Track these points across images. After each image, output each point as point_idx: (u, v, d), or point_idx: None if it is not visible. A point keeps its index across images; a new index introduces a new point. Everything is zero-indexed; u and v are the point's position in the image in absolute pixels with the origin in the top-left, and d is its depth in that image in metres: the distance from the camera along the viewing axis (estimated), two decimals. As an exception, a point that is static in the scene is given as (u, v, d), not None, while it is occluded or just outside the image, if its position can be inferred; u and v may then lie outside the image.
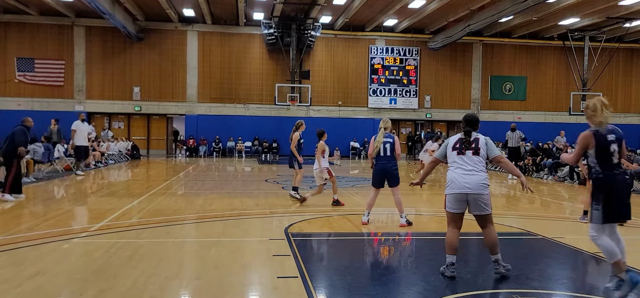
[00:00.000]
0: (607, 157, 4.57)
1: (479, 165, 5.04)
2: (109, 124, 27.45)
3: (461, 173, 5.01)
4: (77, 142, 15.69)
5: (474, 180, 4.96)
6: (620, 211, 4.58)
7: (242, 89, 27.91)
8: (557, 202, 11.59)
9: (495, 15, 21.99)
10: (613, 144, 4.55)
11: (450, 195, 5.09)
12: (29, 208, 9.23)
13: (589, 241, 7.10)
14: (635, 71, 31.14)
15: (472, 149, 5.06)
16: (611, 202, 4.52)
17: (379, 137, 7.81)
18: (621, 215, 4.61)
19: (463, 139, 5.13)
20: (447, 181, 5.15)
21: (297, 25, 26.16)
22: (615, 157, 4.56)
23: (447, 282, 4.99)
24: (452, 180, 5.06)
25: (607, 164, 4.58)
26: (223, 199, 10.99)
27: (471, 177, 4.97)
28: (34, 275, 4.96)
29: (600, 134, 4.58)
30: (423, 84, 29.41)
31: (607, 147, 4.55)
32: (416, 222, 8.25)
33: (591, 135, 4.59)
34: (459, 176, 5.01)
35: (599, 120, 4.61)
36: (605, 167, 4.58)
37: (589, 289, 4.97)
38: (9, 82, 25.97)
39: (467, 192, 4.97)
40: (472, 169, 5.01)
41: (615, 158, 4.57)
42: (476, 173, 5.00)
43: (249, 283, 5.02)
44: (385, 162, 7.79)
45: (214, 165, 21.99)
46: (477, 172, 5.01)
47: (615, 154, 4.56)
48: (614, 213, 4.56)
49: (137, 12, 25.39)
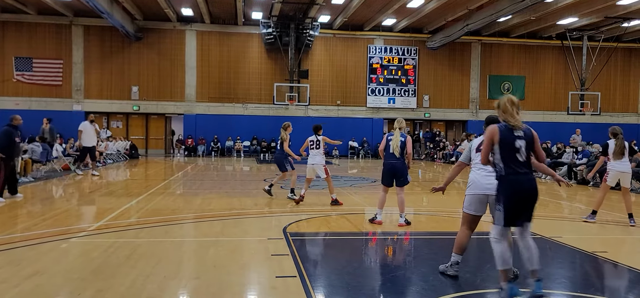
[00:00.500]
0: (511, 155, 4.31)
1: None
2: (108, 124, 27.41)
3: (484, 174, 4.90)
4: (84, 143, 15.54)
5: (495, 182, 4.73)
6: (519, 215, 4.34)
7: (240, 89, 27.90)
8: (555, 201, 11.60)
9: (494, 14, 22.01)
10: (519, 141, 4.30)
11: (471, 195, 5.00)
12: (27, 208, 9.21)
13: (587, 241, 7.13)
14: (633, 71, 31.19)
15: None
16: (511, 204, 4.30)
17: (397, 137, 7.72)
18: (520, 220, 4.36)
19: None
20: (468, 182, 5.07)
21: (295, 24, 26.15)
22: (521, 156, 4.30)
23: (448, 280, 4.99)
24: (473, 181, 5.00)
25: (511, 163, 4.31)
26: (222, 199, 10.98)
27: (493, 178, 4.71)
28: (32, 274, 4.95)
29: (507, 128, 4.36)
30: (421, 83, 29.42)
31: (512, 143, 4.30)
32: (415, 222, 8.25)
33: (497, 128, 4.38)
34: (481, 177, 4.92)
35: (505, 118, 4.40)
36: (508, 165, 4.31)
37: (588, 288, 4.97)
38: (7, 81, 25.93)
39: (488, 193, 4.85)
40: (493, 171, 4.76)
41: (521, 157, 4.30)
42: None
43: (247, 283, 5.02)
44: (395, 161, 7.75)
45: (212, 164, 21.98)
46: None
47: (521, 153, 4.30)
48: (513, 216, 4.32)
49: (136, 11, 25.36)
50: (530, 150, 4.39)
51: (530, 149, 4.38)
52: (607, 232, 8.14)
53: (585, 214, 8.86)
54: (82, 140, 15.41)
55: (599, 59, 28.24)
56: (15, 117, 10.38)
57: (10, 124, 10.19)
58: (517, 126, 4.36)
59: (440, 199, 9.92)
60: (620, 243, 7.24)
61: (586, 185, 15.19)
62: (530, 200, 4.31)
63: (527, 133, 4.38)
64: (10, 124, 10.19)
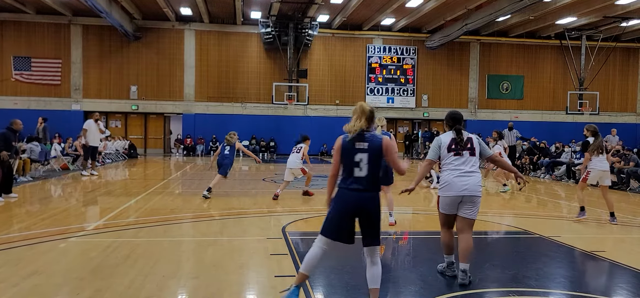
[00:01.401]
0: (348, 167, 3.96)
1: (476, 165, 4.94)
2: (106, 123, 27.36)
3: (458, 175, 4.84)
4: (90, 142, 15.48)
5: (472, 182, 4.83)
6: (337, 231, 4.00)
7: (239, 88, 27.88)
8: (554, 200, 11.61)
9: (493, 14, 22.02)
10: (359, 154, 3.92)
11: (446, 197, 4.92)
12: (26, 208, 9.20)
13: (586, 240, 7.15)
14: (631, 70, 31.24)
15: (469, 150, 4.91)
16: (332, 217, 4.00)
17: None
18: (337, 236, 4.02)
19: (457, 139, 4.93)
20: (442, 182, 4.98)
21: (294, 24, 26.15)
22: (362, 170, 3.90)
23: (446, 280, 5.00)
24: (448, 183, 4.88)
25: (346, 175, 3.98)
26: (220, 198, 10.97)
27: (469, 178, 4.82)
28: (31, 274, 4.95)
29: (348, 139, 3.99)
30: (420, 83, 29.43)
31: (351, 156, 3.94)
32: (414, 222, 8.26)
33: (340, 139, 4.04)
34: (457, 178, 4.84)
35: (349, 127, 4.03)
36: (344, 177, 4.01)
37: (586, 288, 4.98)
38: (6, 81, 25.89)
39: (464, 194, 4.82)
40: (469, 171, 4.86)
41: (361, 171, 3.90)
42: (474, 175, 4.87)
43: (246, 283, 5.02)
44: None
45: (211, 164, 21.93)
46: (475, 173, 4.89)
47: (361, 166, 3.91)
48: (331, 230, 4.00)
49: (134, 11, 25.34)
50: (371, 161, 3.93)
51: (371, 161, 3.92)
52: (606, 231, 8.15)
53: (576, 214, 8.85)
54: (87, 139, 15.34)
55: (597, 58, 28.27)
56: (15, 122, 10.37)
57: (9, 128, 10.17)
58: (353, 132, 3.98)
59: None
60: (619, 242, 7.25)
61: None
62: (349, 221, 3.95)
63: (372, 145, 3.94)
64: (9, 128, 10.17)
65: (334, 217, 4.00)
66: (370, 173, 3.93)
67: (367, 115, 3.98)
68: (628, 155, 14.50)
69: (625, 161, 14.25)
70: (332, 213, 4.02)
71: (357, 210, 3.94)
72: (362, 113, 3.99)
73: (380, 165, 4.00)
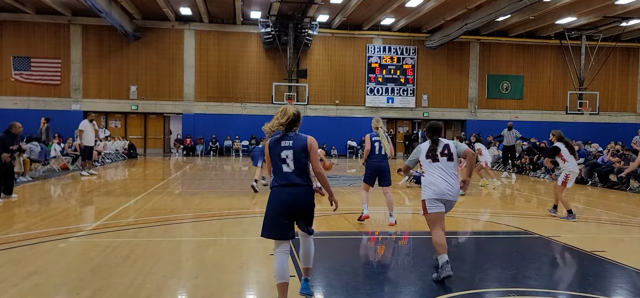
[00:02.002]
0: (276, 165, 4.11)
1: (454, 170, 5.19)
2: (106, 123, 27.36)
3: (441, 180, 5.10)
4: (85, 142, 15.54)
5: (454, 189, 5.12)
6: (271, 229, 4.08)
7: (239, 88, 27.88)
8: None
9: (493, 14, 22.02)
10: (285, 151, 4.08)
11: (431, 199, 5.11)
12: (25, 208, 9.20)
13: (586, 240, 7.14)
14: (631, 70, 31.24)
15: (446, 156, 5.19)
16: (269, 216, 4.09)
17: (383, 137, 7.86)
18: (278, 234, 4.09)
19: (434, 147, 5.23)
20: (425, 185, 5.19)
21: (294, 24, 26.14)
22: (288, 166, 4.07)
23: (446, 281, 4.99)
24: (432, 184, 5.11)
25: (276, 174, 4.13)
26: (220, 198, 10.97)
27: (451, 185, 5.10)
28: (30, 274, 4.95)
29: (272, 139, 4.16)
30: (420, 82, 29.43)
31: (277, 154, 4.10)
32: (414, 222, 8.26)
33: (267, 140, 4.20)
34: (440, 182, 5.09)
35: (268, 127, 4.20)
36: (274, 176, 4.15)
37: (586, 288, 4.98)
38: (5, 81, 25.87)
39: (447, 199, 5.10)
40: (449, 177, 5.13)
41: (287, 168, 4.07)
42: (454, 181, 5.14)
43: (246, 282, 5.02)
44: (381, 161, 7.90)
45: (211, 164, 21.97)
46: (455, 179, 5.16)
47: (288, 163, 4.07)
48: (267, 229, 4.10)
49: (134, 10, 25.32)
50: (298, 158, 4.09)
51: (297, 157, 4.08)
52: (606, 231, 8.15)
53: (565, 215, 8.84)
54: (84, 140, 15.41)
55: (597, 58, 28.27)
56: (14, 125, 10.26)
57: (7, 131, 10.09)
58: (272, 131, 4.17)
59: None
60: (619, 242, 7.25)
61: (585, 184, 15.22)
62: (283, 215, 4.04)
63: (297, 143, 4.11)
64: (7, 131, 10.09)
65: (270, 217, 4.09)
66: (297, 168, 4.07)
67: (292, 118, 4.15)
68: (628, 155, 14.49)
69: (625, 161, 14.25)
70: (268, 213, 4.11)
71: (292, 207, 4.06)
72: (283, 114, 4.16)
73: (307, 162, 4.14)
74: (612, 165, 14.59)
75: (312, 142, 4.15)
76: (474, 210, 9.90)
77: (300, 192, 4.08)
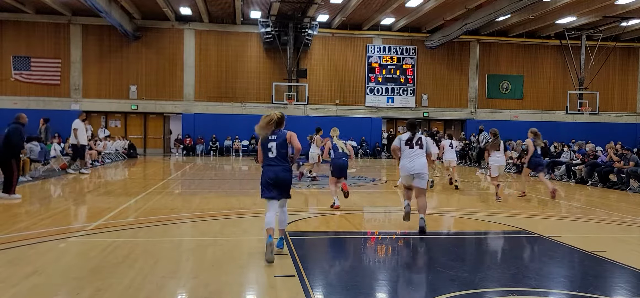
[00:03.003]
0: (265, 153, 5.87)
1: (422, 151, 7.23)
2: (106, 123, 27.38)
3: (409, 160, 7.19)
4: (81, 141, 15.69)
5: (418, 163, 7.17)
6: (263, 191, 5.86)
7: (239, 88, 27.87)
8: (554, 200, 11.59)
9: (492, 14, 22.02)
10: (271, 143, 5.82)
11: (403, 174, 7.37)
12: (25, 207, 9.19)
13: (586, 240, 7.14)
14: (631, 70, 31.24)
15: (419, 145, 7.26)
16: (262, 185, 5.86)
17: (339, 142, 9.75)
18: (269, 195, 5.82)
19: (411, 137, 7.28)
20: (401, 165, 7.30)
21: (294, 23, 26.14)
22: (273, 152, 5.81)
23: (445, 280, 4.99)
24: (403, 166, 7.28)
25: (265, 158, 5.88)
26: (220, 198, 10.97)
27: (416, 161, 7.16)
28: (30, 274, 4.94)
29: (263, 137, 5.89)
30: (420, 82, 29.43)
31: (266, 146, 5.85)
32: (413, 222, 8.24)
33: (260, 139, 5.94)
34: (408, 162, 7.20)
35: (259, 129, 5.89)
36: (264, 160, 5.90)
37: (586, 288, 4.97)
38: (5, 80, 25.87)
39: (413, 172, 7.17)
40: (416, 156, 7.17)
41: (272, 154, 5.81)
42: (420, 158, 7.19)
43: (246, 282, 5.01)
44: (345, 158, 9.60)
45: (211, 164, 21.96)
46: (421, 156, 7.20)
47: (272, 151, 5.81)
48: (264, 192, 5.85)
49: (134, 10, 25.32)
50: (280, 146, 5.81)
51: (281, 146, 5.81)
52: (606, 231, 8.15)
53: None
54: (79, 138, 15.54)
55: (597, 58, 28.27)
56: (21, 116, 10.45)
57: (19, 122, 10.24)
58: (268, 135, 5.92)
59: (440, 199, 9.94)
60: (619, 242, 7.25)
61: (585, 183, 15.22)
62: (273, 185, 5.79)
63: (279, 137, 5.85)
64: (19, 122, 10.24)
65: (263, 184, 5.89)
66: (278, 155, 5.83)
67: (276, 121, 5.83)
68: (628, 155, 14.48)
69: (625, 161, 14.24)
70: (262, 181, 5.89)
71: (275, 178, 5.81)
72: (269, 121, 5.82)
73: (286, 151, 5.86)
74: (612, 164, 14.57)
75: (290, 135, 5.85)
76: (474, 210, 9.89)
77: (279, 170, 5.83)
